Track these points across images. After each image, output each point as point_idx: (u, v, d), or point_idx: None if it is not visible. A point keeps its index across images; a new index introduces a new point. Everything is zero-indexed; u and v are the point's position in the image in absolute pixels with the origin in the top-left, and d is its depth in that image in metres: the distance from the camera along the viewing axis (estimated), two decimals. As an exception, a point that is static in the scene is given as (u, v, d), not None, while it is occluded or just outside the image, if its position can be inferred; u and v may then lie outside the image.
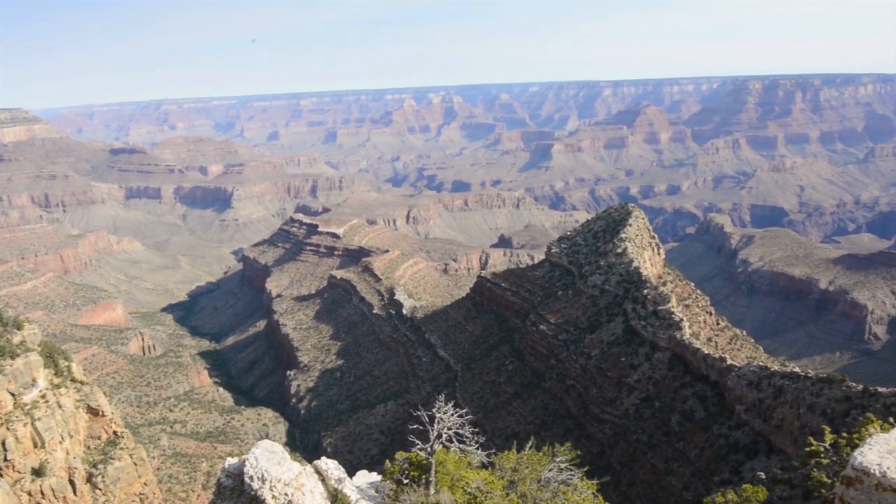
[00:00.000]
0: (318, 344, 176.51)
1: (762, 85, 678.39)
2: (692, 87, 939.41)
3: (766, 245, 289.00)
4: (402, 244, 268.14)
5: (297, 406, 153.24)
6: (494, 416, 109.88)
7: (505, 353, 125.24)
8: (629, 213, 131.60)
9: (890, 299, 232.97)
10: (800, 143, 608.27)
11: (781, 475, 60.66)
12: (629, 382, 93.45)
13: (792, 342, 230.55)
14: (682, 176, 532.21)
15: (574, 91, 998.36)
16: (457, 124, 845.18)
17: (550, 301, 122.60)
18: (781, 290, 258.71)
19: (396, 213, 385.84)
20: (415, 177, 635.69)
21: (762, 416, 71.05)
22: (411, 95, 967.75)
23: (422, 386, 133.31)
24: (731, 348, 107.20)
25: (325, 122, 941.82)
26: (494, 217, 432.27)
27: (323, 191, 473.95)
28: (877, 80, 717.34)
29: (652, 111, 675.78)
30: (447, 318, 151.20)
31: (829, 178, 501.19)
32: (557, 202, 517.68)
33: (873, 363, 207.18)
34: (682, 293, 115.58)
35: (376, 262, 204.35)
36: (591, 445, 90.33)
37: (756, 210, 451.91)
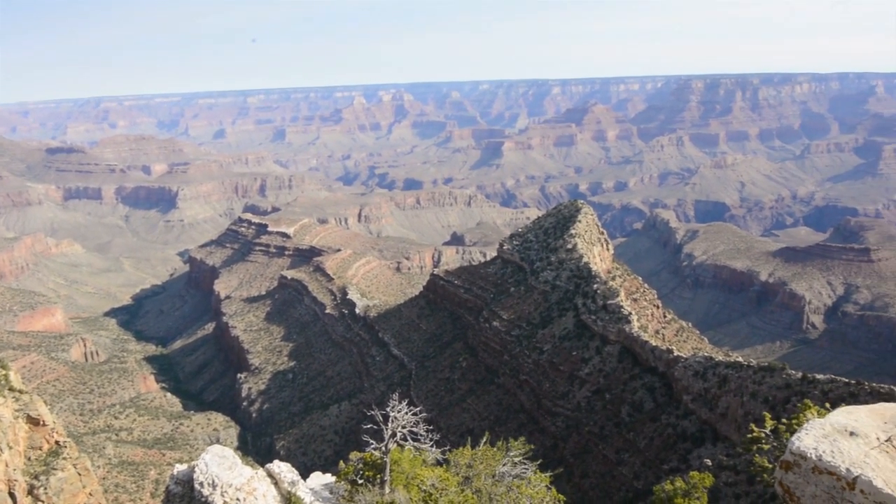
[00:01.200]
0: (269, 345, 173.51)
1: (704, 84, 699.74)
2: (638, 86, 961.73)
3: (710, 239, 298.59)
4: (354, 243, 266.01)
5: (248, 409, 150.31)
6: (449, 413, 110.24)
7: (459, 350, 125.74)
8: (579, 210, 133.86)
9: (826, 290, 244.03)
10: (740, 140, 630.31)
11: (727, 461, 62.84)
12: (581, 376, 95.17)
13: (735, 333, 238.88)
14: (629, 173, 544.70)
15: (524, 89, 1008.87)
16: (408, 122, 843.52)
17: (503, 297, 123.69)
18: (724, 282, 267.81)
19: (348, 211, 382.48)
20: (366, 175, 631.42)
21: (708, 405, 73.45)
22: (361, 93, 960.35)
23: (376, 385, 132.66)
24: (677, 340, 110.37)
25: (273, 120, 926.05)
26: (447, 215, 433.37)
27: (272, 190, 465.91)
28: (812, 80, 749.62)
29: (599, 109, 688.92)
30: (400, 317, 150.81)
31: (767, 174, 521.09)
32: (509, 199, 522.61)
33: (811, 351, 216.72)
34: (631, 287, 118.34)
35: (328, 262, 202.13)
36: (544, 439, 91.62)
37: (700, 205, 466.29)
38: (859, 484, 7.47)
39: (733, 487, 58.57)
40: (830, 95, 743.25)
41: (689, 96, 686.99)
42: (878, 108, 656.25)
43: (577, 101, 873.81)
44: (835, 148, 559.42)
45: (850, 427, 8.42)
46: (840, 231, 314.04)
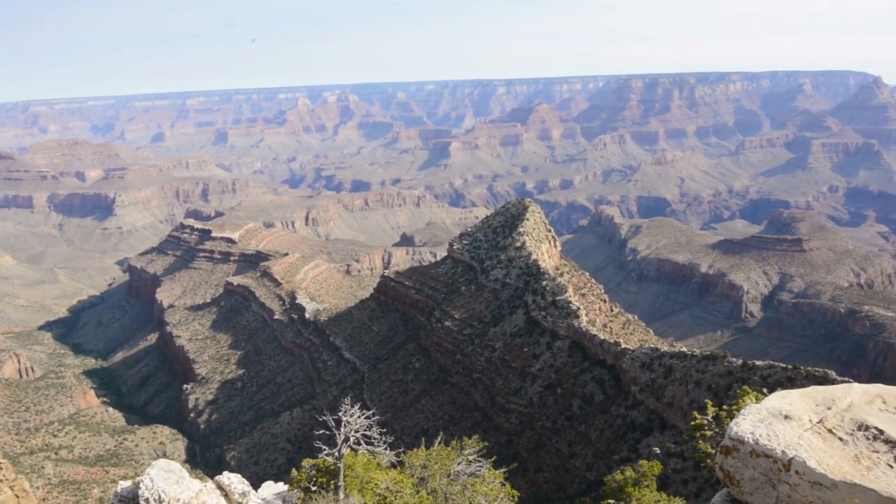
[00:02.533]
0: (216, 354, 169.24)
1: (643, 84, 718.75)
2: (580, 85, 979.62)
3: (652, 234, 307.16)
4: (301, 247, 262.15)
5: (196, 421, 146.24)
6: (403, 414, 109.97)
7: (411, 351, 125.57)
8: (526, 208, 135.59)
9: (762, 279, 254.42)
10: (678, 137, 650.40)
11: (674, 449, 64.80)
12: (532, 372, 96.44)
13: (678, 324, 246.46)
14: (574, 171, 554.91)
15: (469, 90, 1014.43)
16: (354, 123, 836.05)
17: (454, 297, 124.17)
18: (667, 275, 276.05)
19: (295, 215, 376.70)
20: (312, 177, 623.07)
21: (655, 395, 75.56)
22: (305, 94, 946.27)
23: (328, 390, 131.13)
24: (624, 333, 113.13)
25: (214, 123, 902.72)
26: (396, 216, 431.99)
27: (215, 194, 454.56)
28: (744, 78, 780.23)
29: (544, 109, 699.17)
30: (352, 320, 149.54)
31: (705, 170, 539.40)
32: (457, 199, 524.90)
33: (750, 339, 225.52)
34: (578, 283, 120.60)
35: (275, 266, 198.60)
36: (498, 436, 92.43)
37: (642, 201, 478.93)
38: (794, 465, 7.83)
39: (681, 473, 60.45)
40: (762, 93, 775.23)
41: (629, 95, 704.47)
42: (806, 104, 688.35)
43: (522, 100, 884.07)
44: (767, 144, 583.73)
45: (784, 411, 8.82)
46: (774, 223, 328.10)
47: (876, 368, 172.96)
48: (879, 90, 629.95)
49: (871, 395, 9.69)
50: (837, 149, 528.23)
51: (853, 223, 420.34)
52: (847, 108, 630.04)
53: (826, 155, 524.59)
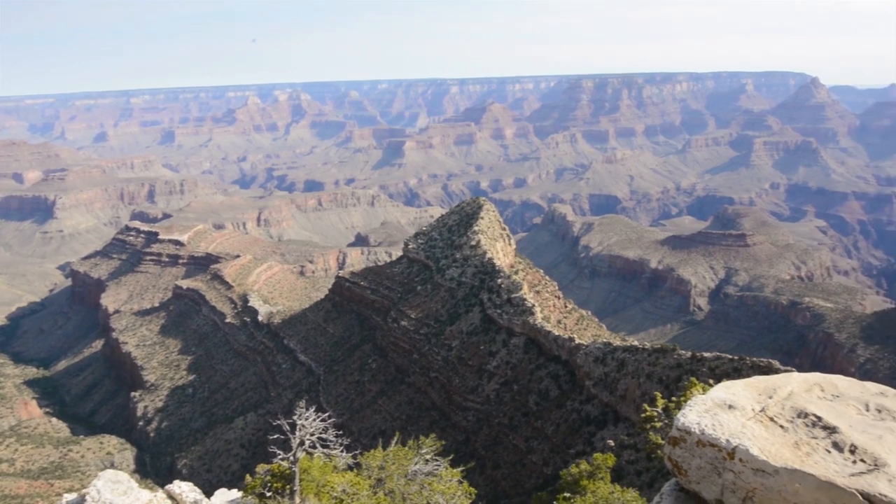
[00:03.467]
0: (165, 360, 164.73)
1: (594, 84, 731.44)
2: (532, 85, 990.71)
3: (604, 231, 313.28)
4: (253, 248, 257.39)
5: (145, 429, 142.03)
6: (360, 416, 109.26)
7: (368, 351, 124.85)
8: (481, 207, 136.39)
9: (709, 274, 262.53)
10: (628, 136, 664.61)
11: (628, 441, 66.29)
12: (489, 369, 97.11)
13: (630, 318, 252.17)
14: (528, 169, 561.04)
15: (423, 89, 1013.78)
16: (306, 122, 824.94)
17: (410, 296, 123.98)
18: (619, 271, 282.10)
19: (246, 216, 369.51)
20: (264, 177, 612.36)
21: (608, 389, 77.07)
22: (255, 93, 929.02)
23: (283, 394, 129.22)
24: (578, 328, 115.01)
25: (160, 122, 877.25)
26: (350, 216, 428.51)
27: (162, 195, 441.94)
28: (690, 79, 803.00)
29: (497, 108, 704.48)
30: (306, 322, 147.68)
31: (653, 168, 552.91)
32: (412, 198, 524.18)
33: (698, 331, 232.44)
34: (533, 280, 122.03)
35: (226, 269, 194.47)
36: (456, 434, 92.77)
37: (593, 199, 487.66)
38: (738, 453, 8.09)
39: (634, 465, 61.87)
40: (706, 93, 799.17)
41: (580, 95, 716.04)
42: (748, 104, 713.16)
43: (476, 100, 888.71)
44: (712, 142, 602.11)
45: (728, 401, 9.11)
46: (719, 219, 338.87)
47: (816, 358, 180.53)
48: (817, 90, 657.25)
49: (809, 384, 10.11)
50: (778, 147, 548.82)
51: (794, 218, 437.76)
52: (787, 108, 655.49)
53: (768, 153, 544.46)
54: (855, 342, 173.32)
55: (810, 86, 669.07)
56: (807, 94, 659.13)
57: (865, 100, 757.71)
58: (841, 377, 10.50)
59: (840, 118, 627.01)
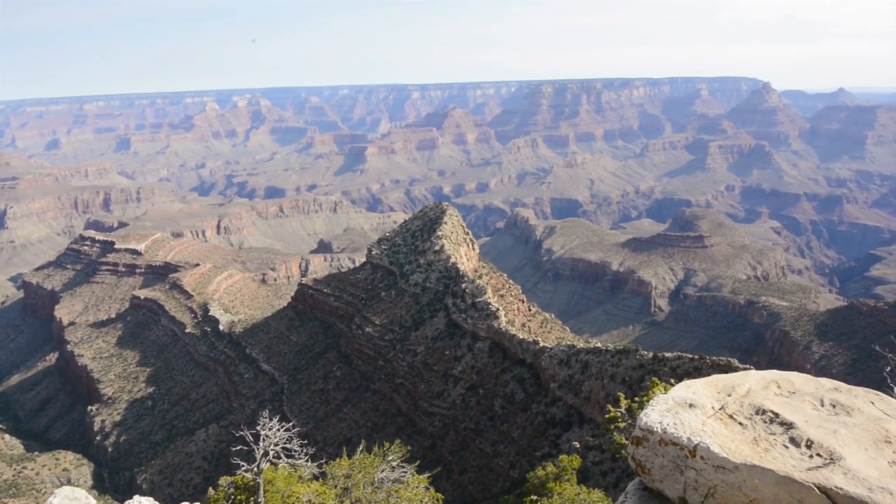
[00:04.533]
0: (123, 373, 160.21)
1: (553, 89, 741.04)
2: (493, 90, 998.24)
3: (566, 234, 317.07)
4: (213, 256, 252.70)
5: (102, 444, 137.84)
6: (325, 424, 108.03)
7: (332, 359, 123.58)
8: (444, 212, 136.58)
9: (669, 275, 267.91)
10: (587, 140, 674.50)
11: (593, 442, 67.01)
12: (454, 374, 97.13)
13: (593, 320, 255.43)
14: (490, 174, 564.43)
15: (384, 94, 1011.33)
16: (266, 128, 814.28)
17: (374, 303, 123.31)
18: (581, 274, 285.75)
19: (205, 223, 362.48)
20: (224, 184, 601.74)
21: (573, 391, 77.85)
22: (214, 98, 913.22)
23: (246, 404, 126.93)
24: (542, 331, 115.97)
25: (115, 128, 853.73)
26: (312, 222, 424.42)
27: (118, 204, 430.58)
28: (646, 84, 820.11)
29: (458, 114, 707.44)
30: (269, 330, 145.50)
31: (613, 172, 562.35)
32: (375, 204, 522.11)
33: (659, 332, 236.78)
34: (497, 284, 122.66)
35: (186, 278, 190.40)
36: (422, 440, 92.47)
37: (555, 203, 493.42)
38: (699, 451, 8.22)
39: (600, 465, 62.58)
40: (663, 98, 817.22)
41: (540, 100, 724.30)
42: (703, 109, 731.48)
43: (437, 105, 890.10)
44: (669, 146, 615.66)
45: (689, 399, 9.27)
46: (677, 221, 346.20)
47: (773, 355, 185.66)
48: (769, 95, 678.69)
49: (767, 381, 10.36)
50: (733, 150, 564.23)
51: (749, 220, 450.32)
52: (740, 112, 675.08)
53: (723, 156, 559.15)
54: (810, 339, 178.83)
55: (762, 91, 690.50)
56: (759, 98, 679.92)
57: (815, 104, 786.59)
58: (797, 374, 10.79)
59: (791, 122, 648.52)
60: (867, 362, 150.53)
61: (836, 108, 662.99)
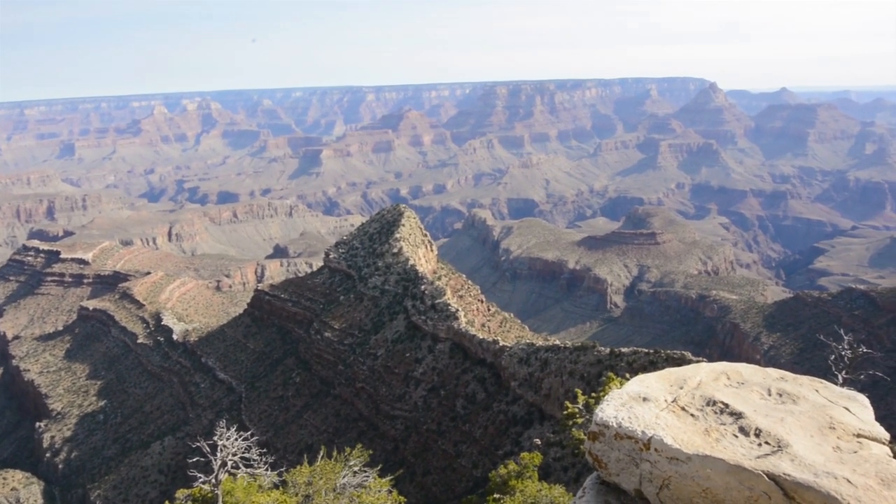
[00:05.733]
0: (72, 387, 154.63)
1: (508, 90, 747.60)
2: (448, 92, 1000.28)
3: (523, 234, 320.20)
4: (165, 264, 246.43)
5: (52, 461, 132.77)
6: (285, 431, 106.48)
7: (291, 365, 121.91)
8: (401, 214, 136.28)
9: (623, 272, 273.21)
10: (542, 141, 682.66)
11: (553, 438, 67.75)
12: (416, 376, 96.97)
13: (551, 318, 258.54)
14: (447, 175, 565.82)
15: (338, 96, 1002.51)
16: (217, 132, 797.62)
17: (333, 307, 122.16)
18: (538, 273, 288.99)
19: (156, 230, 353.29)
20: (174, 190, 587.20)
21: (533, 388, 78.64)
22: (162, 102, 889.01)
23: (202, 414, 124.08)
24: (501, 331, 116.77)
25: (58, 134, 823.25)
26: (267, 227, 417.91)
27: (62, 212, 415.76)
28: (598, 85, 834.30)
29: (414, 115, 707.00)
30: (225, 338, 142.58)
31: (567, 172, 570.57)
32: (331, 207, 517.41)
33: (615, 328, 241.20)
34: (456, 285, 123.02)
35: (137, 287, 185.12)
36: (385, 443, 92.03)
37: (512, 203, 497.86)
38: (653, 443, 8.42)
39: (561, 461, 63.33)
40: (614, 99, 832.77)
41: (494, 101, 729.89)
42: (653, 109, 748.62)
43: (392, 107, 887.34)
44: (621, 145, 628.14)
45: (642, 394, 9.48)
46: (630, 219, 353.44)
47: (725, 347, 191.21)
48: (715, 94, 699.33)
49: (717, 373, 10.68)
50: (682, 149, 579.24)
51: (698, 216, 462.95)
52: (688, 112, 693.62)
53: (672, 155, 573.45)
54: (759, 331, 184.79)
55: (709, 90, 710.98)
56: (706, 98, 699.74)
57: (759, 103, 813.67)
58: (745, 365, 11.15)
59: (737, 120, 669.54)
60: (813, 351, 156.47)
61: (779, 107, 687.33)
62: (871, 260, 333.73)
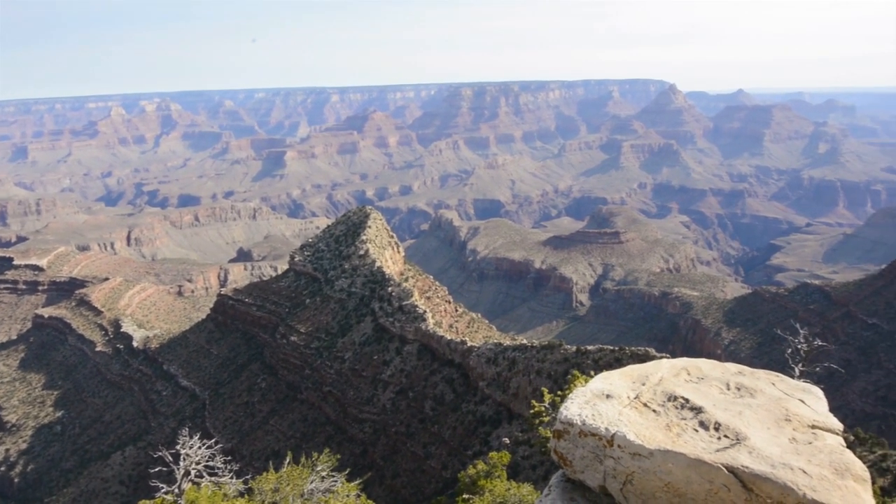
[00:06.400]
0: (27, 398, 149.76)
1: (473, 91, 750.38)
2: (413, 93, 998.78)
3: (489, 234, 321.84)
4: (124, 270, 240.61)
5: (8, 475, 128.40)
6: (251, 438, 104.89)
7: (256, 371, 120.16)
8: (368, 216, 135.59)
9: (588, 271, 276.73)
10: (507, 142, 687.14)
11: (522, 437, 68.25)
12: (383, 378, 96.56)
13: (518, 318, 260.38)
14: (413, 177, 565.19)
15: (302, 97, 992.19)
16: (177, 134, 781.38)
17: (299, 310, 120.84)
18: (505, 273, 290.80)
19: (114, 235, 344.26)
20: (133, 193, 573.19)
21: (501, 388, 79.07)
22: (120, 103, 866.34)
23: (165, 423, 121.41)
24: (469, 331, 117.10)
25: (10, 136, 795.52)
26: (230, 230, 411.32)
27: (15, 217, 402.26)
28: (562, 87, 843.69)
29: (379, 116, 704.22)
30: (187, 345, 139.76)
31: (532, 172, 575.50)
32: (296, 210, 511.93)
33: (581, 326, 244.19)
34: (423, 286, 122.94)
35: (94, 294, 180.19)
36: (353, 447, 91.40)
37: (478, 203, 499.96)
38: (616, 440, 8.55)
39: (529, 459, 63.83)
40: (578, 100, 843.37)
41: (460, 103, 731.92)
42: (615, 110, 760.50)
43: (357, 108, 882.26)
44: (585, 146, 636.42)
45: (605, 391, 9.62)
46: (595, 218, 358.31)
47: (687, 343, 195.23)
48: (675, 96, 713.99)
49: (678, 368, 10.89)
50: (643, 149, 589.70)
51: (660, 215, 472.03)
52: (649, 113, 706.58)
53: (635, 155, 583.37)
54: (720, 326, 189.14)
55: (669, 92, 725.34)
56: (666, 99, 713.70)
57: (717, 104, 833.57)
58: (705, 360, 11.40)
59: (696, 121, 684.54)
60: (771, 345, 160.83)
61: (736, 108, 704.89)
62: (825, 256, 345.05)
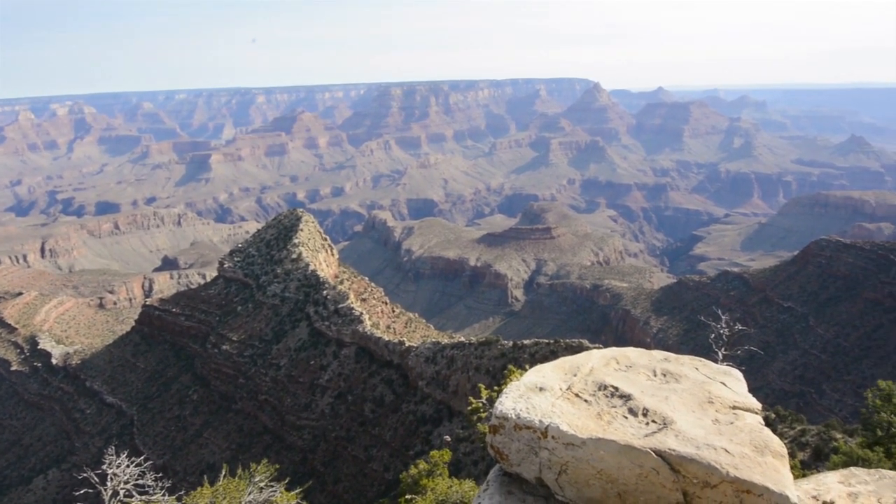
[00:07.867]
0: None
1: (402, 91, 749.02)
2: (342, 93, 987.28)
3: (424, 234, 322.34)
4: (39, 283, 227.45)
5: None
6: (185, 452, 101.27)
7: (186, 383, 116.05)
8: (299, 219, 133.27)
9: (522, 266, 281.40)
10: (439, 141, 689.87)
11: (463, 434, 68.81)
12: (321, 383, 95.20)
13: (455, 316, 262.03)
14: (344, 178, 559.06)
15: (226, 98, 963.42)
16: (93, 138, 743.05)
17: (230, 318, 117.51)
18: (441, 271, 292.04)
19: (26, 247, 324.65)
20: (46, 202, 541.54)
21: (441, 386, 79.42)
22: (28, 107, 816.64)
23: (90, 442, 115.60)
24: (407, 331, 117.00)
25: None
26: (154, 238, 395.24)
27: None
28: (490, 86, 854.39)
29: (308, 117, 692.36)
30: (111, 359, 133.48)
31: (465, 171, 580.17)
32: (224, 215, 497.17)
33: (517, 321, 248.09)
34: (359, 288, 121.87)
35: (7, 310, 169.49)
36: (292, 455, 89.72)
37: (411, 203, 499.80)
38: (550, 431, 8.75)
39: (471, 455, 64.44)
40: (506, 99, 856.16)
41: (390, 102, 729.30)
42: (543, 108, 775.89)
43: (284, 109, 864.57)
44: (515, 144, 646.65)
45: (539, 384, 9.83)
46: (527, 215, 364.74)
47: (618, 332, 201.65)
48: (599, 94, 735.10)
49: (607, 358, 11.25)
50: (571, 146, 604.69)
51: (589, 210, 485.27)
52: (576, 111, 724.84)
53: (563, 152, 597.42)
54: (648, 315, 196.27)
55: (594, 90, 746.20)
56: (591, 97, 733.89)
57: (639, 102, 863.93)
58: (632, 349, 11.82)
59: (620, 119, 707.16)
60: (696, 331, 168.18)
61: (656, 106, 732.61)
62: (743, 244, 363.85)
